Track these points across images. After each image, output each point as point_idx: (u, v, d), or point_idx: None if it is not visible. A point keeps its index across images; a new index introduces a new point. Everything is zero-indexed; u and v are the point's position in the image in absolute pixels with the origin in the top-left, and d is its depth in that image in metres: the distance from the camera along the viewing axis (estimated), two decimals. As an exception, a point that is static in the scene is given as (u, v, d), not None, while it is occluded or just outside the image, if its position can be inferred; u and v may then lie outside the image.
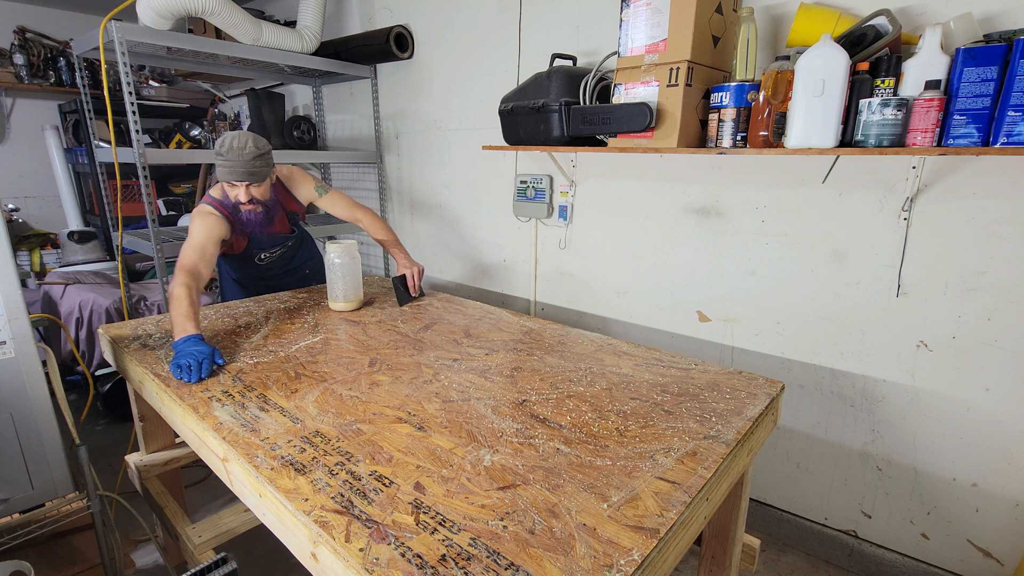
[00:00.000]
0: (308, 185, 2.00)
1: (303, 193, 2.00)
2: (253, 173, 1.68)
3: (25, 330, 1.37)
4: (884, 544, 1.77)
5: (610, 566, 0.72)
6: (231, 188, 1.72)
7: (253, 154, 1.66)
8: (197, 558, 1.40)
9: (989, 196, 1.42)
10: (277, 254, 2.05)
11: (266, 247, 1.99)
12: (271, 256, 2.04)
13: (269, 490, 0.90)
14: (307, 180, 2.00)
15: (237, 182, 1.68)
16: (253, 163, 1.67)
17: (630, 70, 1.67)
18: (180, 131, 4.28)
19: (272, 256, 2.04)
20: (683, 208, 1.98)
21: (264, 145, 1.71)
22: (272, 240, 1.98)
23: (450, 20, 2.58)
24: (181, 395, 1.22)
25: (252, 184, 1.71)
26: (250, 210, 1.78)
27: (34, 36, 3.95)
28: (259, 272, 2.10)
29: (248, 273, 2.11)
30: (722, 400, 1.21)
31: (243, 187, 1.71)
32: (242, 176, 1.67)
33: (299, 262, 2.20)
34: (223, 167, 1.66)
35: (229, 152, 1.64)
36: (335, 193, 2.04)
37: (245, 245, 1.94)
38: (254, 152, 1.66)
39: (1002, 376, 1.48)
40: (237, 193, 1.72)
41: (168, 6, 2.17)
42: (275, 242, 2.00)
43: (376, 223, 2.06)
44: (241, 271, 2.11)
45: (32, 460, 1.43)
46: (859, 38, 1.42)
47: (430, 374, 1.34)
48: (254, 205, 1.77)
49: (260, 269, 2.08)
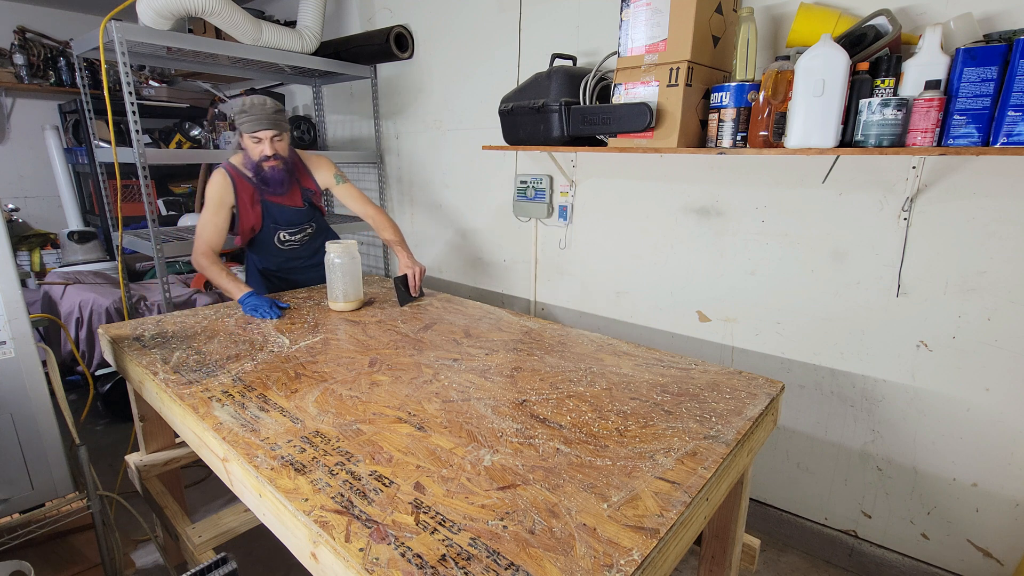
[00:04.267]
0: (328, 171, 2.06)
1: (321, 176, 2.06)
2: (277, 123, 1.80)
3: (25, 330, 1.37)
4: (884, 544, 1.77)
5: (610, 566, 0.72)
6: (255, 145, 1.82)
7: (274, 107, 1.79)
8: (197, 558, 1.40)
9: (989, 196, 1.42)
10: (297, 239, 2.10)
11: (282, 223, 2.03)
12: (291, 240, 2.09)
13: (269, 490, 0.90)
14: (328, 166, 2.07)
15: (264, 130, 1.78)
16: (276, 115, 1.79)
17: (630, 70, 1.67)
18: (180, 131, 4.28)
19: (292, 241, 2.09)
20: (683, 208, 1.98)
21: (280, 106, 1.83)
22: (287, 215, 2.02)
23: (450, 20, 2.58)
24: (181, 395, 1.22)
25: (276, 137, 1.81)
26: (273, 166, 1.86)
27: (34, 36, 3.95)
28: (282, 261, 2.16)
29: (272, 262, 2.16)
30: (722, 400, 1.21)
31: (268, 139, 1.80)
32: (268, 124, 1.78)
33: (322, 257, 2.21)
34: (249, 120, 1.77)
35: (252, 107, 1.78)
36: (351, 186, 2.09)
37: (261, 219, 1.99)
38: (275, 106, 1.79)
39: (1002, 376, 1.48)
40: (262, 148, 1.81)
41: (168, 6, 2.17)
42: (290, 218, 2.03)
43: (385, 221, 2.09)
44: (265, 259, 2.16)
45: (32, 460, 1.43)
46: (859, 38, 1.42)
47: (430, 374, 1.34)
48: (276, 161, 1.85)
49: (283, 257, 2.14)
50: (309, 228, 2.12)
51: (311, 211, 2.10)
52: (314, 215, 2.12)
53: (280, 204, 2.00)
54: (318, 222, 2.17)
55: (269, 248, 2.09)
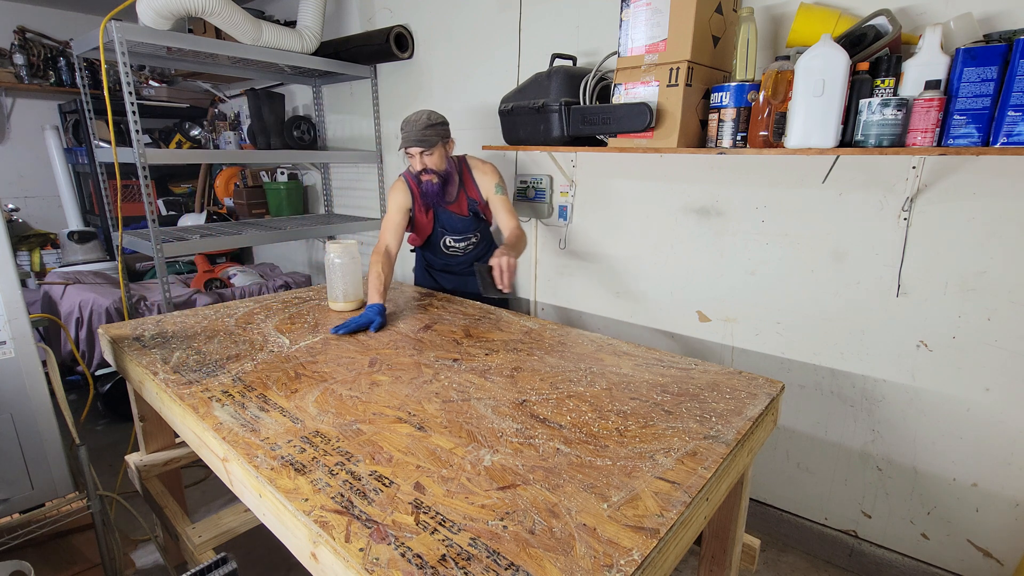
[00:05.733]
0: (491, 180, 2.02)
1: (485, 185, 2.03)
2: (422, 140, 1.83)
3: (25, 330, 1.37)
4: (884, 544, 1.77)
5: (610, 566, 0.72)
6: (410, 158, 1.89)
7: (424, 124, 1.83)
8: (197, 558, 1.40)
9: (989, 196, 1.42)
10: (461, 247, 2.13)
11: (448, 229, 2.07)
12: (455, 247, 2.13)
13: (269, 490, 0.90)
14: (492, 175, 2.02)
15: (409, 148, 1.85)
16: (423, 132, 1.83)
17: (630, 70, 1.67)
18: (180, 131, 4.29)
19: (456, 248, 2.13)
20: (683, 208, 1.98)
21: (436, 119, 1.86)
22: (453, 222, 2.05)
23: (450, 20, 2.58)
24: (181, 395, 1.22)
25: (425, 152, 1.85)
26: (428, 180, 1.91)
27: (34, 36, 3.95)
28: (446, 264, 2.21)
29: (437, 262, 2.23)
30: (722, 400, 1.21)
31: (417, 155, 1.85)
32: (412, 142, 1.83)
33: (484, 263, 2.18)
34: (402, 135, 1.86)
35: (406, 124, 1.85)
36: (506, 199, 2.03)
37: (432, 223, 2.06)
38: (425, 122, 1.83)
39: (1002, 376, 1.48)
40: (414, 162, 1.89)
41: (168, 6, 2.17)
42: (457, 226, 2.07)
43: (515, 231, 1.95)
44: (432, 258, 2.23)
45: (32, 460, 1.43)
46: (859, 38, 1.42)
47: (430, 374, 1.34)
48: (430, 175, 1.90)
49: (446, 260, 2.19)
50: (473, 237, 2.12)
51: (476, 221, 2.09)
52: (479, 225, 2.11)
53: (449, 211, 2.04)
54: (483, 232, 2.15)
55: (436, 250, 2.16)
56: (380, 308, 1.75)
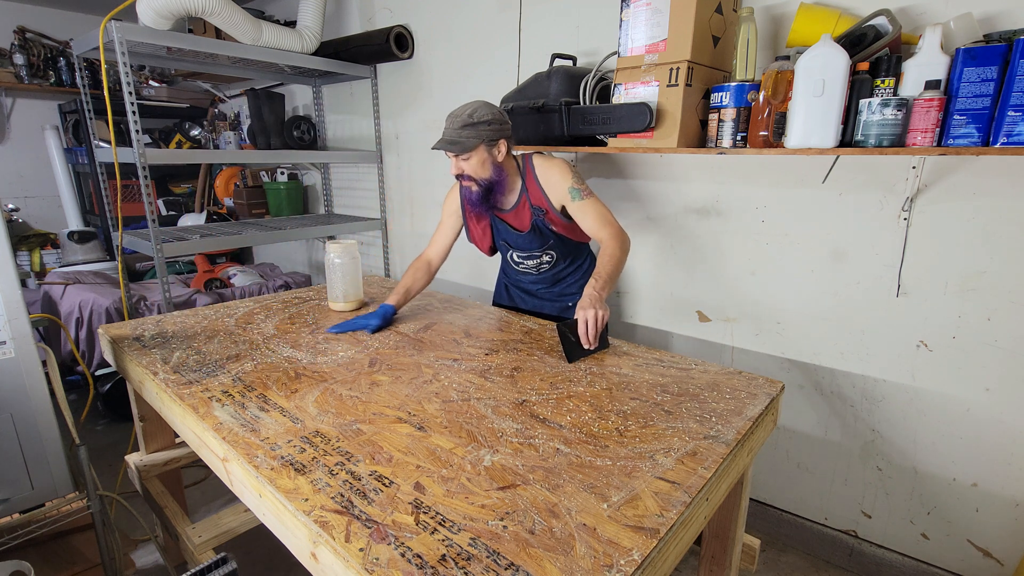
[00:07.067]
0: (562, 183, 1.61)
1: (554, 190, 1.63)
2: (454, 143, 1.52)
3: (25, 330, 1.37)
4: (884, 544, 1.77)
5: (610, 566, 0.72)
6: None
7: (462, 122, 1.52)
8: (197, 558, 1.40)
9: (989, 196, 1.42)
10: (531, 264, 1.79)
11: (511, 243, 1.76)
12: (524, 264, 1.80)
13: (269, 490, 0.90)
14: (563, 177, 1.61)
15: (442, 150, 1.56)
16: (459, 131, 1.52)
17: (630, 70, 1.67)
18: (180, 131, 4.29)
19: (526, 265, 1.80)
20: (683, 208, 1.98)
21: (483, 115, 1.52)
22: (512, 236, 1.73)
23: (450, 20, 2.58)
24: (181, 395, 1.22)
25: (460, 156, 1.55)
26: (466, 186, 1.63)
27: (34, 36, 3.95)
28: (518, 281, 1.92)
29: (511, 279, 1.96)
30: (722, 400, 1.21)
31: (453, 159, 1.57)
32: (442, 144, 1.53)
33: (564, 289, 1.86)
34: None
35: (447, 118, 1.56)
36: (591, 202, 1.60)
37: (489, 235, 1.79)
38: (463, 120, 1.52)
39: (1002, 376, 1.48)
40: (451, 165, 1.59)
41: (168, 6, 2.17)
42: (519, 241, 1.73)
43: (608, 247, 1.56)
44: (505, 273, 1.98)
45: (32, 460, 1.43)
46: (859, 38, 1.42)
47: (430, 374, 1.34)
48: (468, 182, 1.59)
49: (520, 278, 1.89)
50: (544, 256, 1.75)
51: (542, 236, 1.68)
52: (547, 241, 1.70)
53: (506, 223, 1.71)
54: (558, 249, 1.73)
55: (507, 265, 1.89)
56: (386, 311, 1.67)
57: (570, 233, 1.70)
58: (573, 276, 1.84)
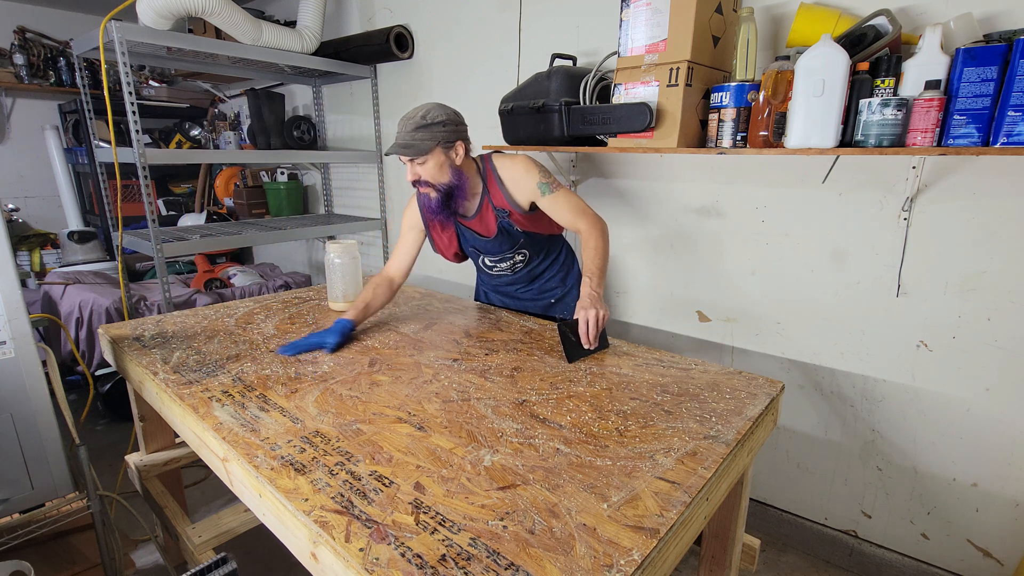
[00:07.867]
0: (528, 181, 1.56)
1: (521, 189, 1.58)
2: (407, 146, 1.45)
3: (25, 330, 1.37)
4: (884, 544, 1.77)
5: (610, 566, 0.72)
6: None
7: (415, 124, 1.45)
8: (197, 558, 1.40)
9: (989, 196, 1.42)
10: (505, 266, 1.75)
11: (480, 249, 1.71)
12: (499, 267, 1.76)
13: (269, 490, 0.90)
14: (530, 174, 1.57)
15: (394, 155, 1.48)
16: (413, 134, 1.45)
17: (630, 70, 1.67)
18: (180, 131, 4.29)
19: (500, 268, 1.76)
20: (683, 208, 1.98)
21: (436, 116, 1.46)
22: (480, 242, 1.68)
23: (450, 20, 2.58)
24: (181, 395, 1.22)
25: (416, 161, 1.48)
26: (425, 194, 1.55)
27: (34, 36, 3.95)
28: (496, 285, 1.89)
29: (489, 284, 1.93)
30: (722, 400, 1.20)
31: (408, 164, 1.50)
32: (395, 148, 1.46)
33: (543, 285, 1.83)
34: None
35: (399, 121, 1.49)
36: (563, 194, 1.57)
37: (456, 243, 1.72)
38: (416, 123, 1.45)
39: (1002, 376, 1.48)
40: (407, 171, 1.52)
41: (168, 6, 2.17)
42: (485, 247, 1.69)
43: (590, 239, 1.54)
44: (481, 278, 1.94)
45: (32, 460, 1.43)
46: (859, 38, 1.42)
47: (430, 374, 1.34)
48: (427, 188, 1.53)
49: (498, 282, 1.86)
50: (517, 256, 1.71)
51: (510, 237, 1.65)
52: (516, 241, 1.66)
53: (472, 229, 1.66)
54: (530, 247, 1.71)
55: (482, 271, 1.85)
56: (343, 326, 1.51)
57: (539, 228, 1.67)
58: (550, 271, 1.81)
